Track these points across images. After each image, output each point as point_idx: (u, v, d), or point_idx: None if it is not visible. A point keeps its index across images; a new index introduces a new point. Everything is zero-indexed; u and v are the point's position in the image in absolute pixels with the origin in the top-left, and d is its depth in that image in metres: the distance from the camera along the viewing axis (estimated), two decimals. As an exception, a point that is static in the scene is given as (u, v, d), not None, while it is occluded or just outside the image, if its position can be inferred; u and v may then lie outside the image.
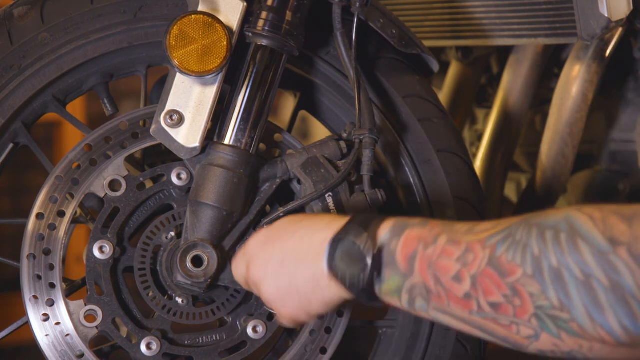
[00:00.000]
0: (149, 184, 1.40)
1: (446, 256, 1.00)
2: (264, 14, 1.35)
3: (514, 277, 0.94)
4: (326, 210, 1.35)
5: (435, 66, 1.54)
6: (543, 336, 0.95)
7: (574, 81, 1.74)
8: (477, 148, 1.99)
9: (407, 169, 1.50)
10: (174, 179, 1.37)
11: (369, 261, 1.05)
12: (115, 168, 1.37)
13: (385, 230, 1.06)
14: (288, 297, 1.15)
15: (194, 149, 1.34)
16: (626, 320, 0.88)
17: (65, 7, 1.39)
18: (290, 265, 1.14)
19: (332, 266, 1.09)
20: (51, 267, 1.34)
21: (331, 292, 1.11)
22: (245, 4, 1.36)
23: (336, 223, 1.11)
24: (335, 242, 1.09)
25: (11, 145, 1.41)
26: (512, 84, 1.91)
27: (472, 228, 1.00)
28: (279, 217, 1.35)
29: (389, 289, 1.05)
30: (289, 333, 1.54)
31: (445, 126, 1.52)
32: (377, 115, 1.45)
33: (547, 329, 0.94)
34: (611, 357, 0.93)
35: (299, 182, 1.39)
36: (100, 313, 1.35)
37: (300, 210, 1.38)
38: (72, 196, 1.36)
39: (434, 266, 1.01)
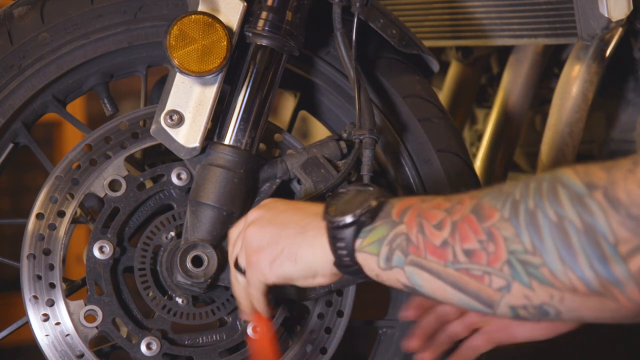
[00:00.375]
0: (149, 184, 1.40)
1: (437, 207, 1.00)
2: (264, 14, 1.35)
3: (491, 221, 0.94)
4: (326, 210, 1.35)
5: (435, 66, 1.54)
6: (514, 286, 0.93)
7: (574, 81, 1.74)
8: (477, 148, 1.99)
9: (407, 169, 1.50)
10: (174, 179, 1.37)
11: (366, 207, 1.04)
12: (115, 168, 1.37)
13: (391, 199, 1.07)
14: (267, 244, 1.12)
15: (193, 149, 1.34)
16: (597, 263, 0.87)
17: (65, 7, 1.39)
18: (285, 216, 1.13)
19: (327, 212, 1.08)
20: (51, 267, 1.34)
21: (313, 243, 1.08)
22: (245, 4, 1.36)
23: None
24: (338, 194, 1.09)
25: (11, 145, 1.41)
26: (512, 84, 1.91)
27: (471, 192, 1.01)
28: None
29: (372, 239, 1.04)
30: (289, 333, 1.54)
31: (445, 126, 1.52)
32: (377, 115, 1.45)
33: (518, 277, 0.92)
34: (582, 309, 0.91)
35: (299, 182, 1.40)
36: (100, 313, 1.35)
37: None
38: (72, 196, 1.36)
39: (422, 214, 1.00)
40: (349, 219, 1.05)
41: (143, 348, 1.35)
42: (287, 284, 1.14)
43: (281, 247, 1.12)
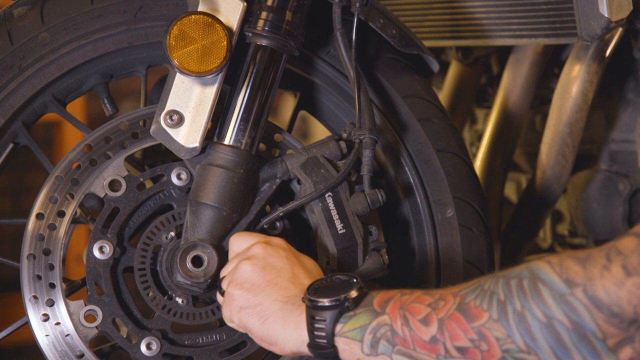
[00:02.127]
0: (148, 184, 1.40)
1: (419, 301, 1.03)
2: (263, 14, 1.35)
3: (480, 322, 0.97)
4: (326, 210, 1.35)
5: (435, 66, 1.54)
6: None
7: (574, 81, 1.74)
8: (477, 148, 1.99)
9: (407, 169, 1.50)
10: (174, 179, 1.37)
11: (348, 294, 1.09)
12: (115, 168, 1.37)
13: (372, 291, 1.11)
14: (249, 289, 1.18)
15: (193, 149, 1.34)
16: (590, 358, 0.91)
17: (65, 7, 1.38)
18: (280, 272, 1.19)
19: (308, 293, 1.12)
20: (51, 267, 1.34)
21: (287, 318, 1.13)
22: (245, 4, 1.36)
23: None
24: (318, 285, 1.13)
25: (11, 145, 1.41)
26: (512, 84, 1.91)
27: (449, 288, 1.05)
28: (278, 217, 1.35)
29: (353, 325, 1.07)
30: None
31: (445, 126, 1.52)
32: (377, 115, 1.45)
33: None
34: None
35: (298, 182, 1.39)
36: (100, 313, 1.35)
37: (300, 209, 1.38)
38: (72, 196, 1.36)
39: (405, 307, 1.04)
40: (330, 302, 1.08)
41: (143, 348, 1.35)
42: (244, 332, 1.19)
43: (258, 301, 1.17)
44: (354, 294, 1.09)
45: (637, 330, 0.88)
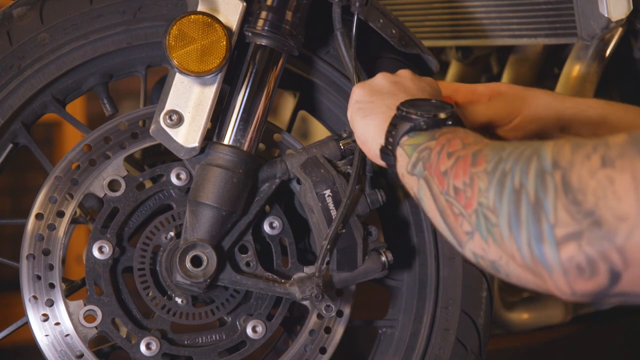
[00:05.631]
0: (148, 184, 1.40)
1: (463, 139, 1.04)
2: (263, 14, 1.35)
3: (477, 169, 0.97)
4: (326, 210, 1.35)
5: (435, 66, 1.54)
6: (476, 236, 0.96)
7: (574, 81, 1.74)
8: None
9: (406, 169, 1.50)
10: (173, 179, 1.37)
11: (432, 114, 1.12)
12: (115, 168, 1.37)
13: (459, 124, 1.14)
14: (364, 100, 1.25)
15: (193, 149, 1.34)
16: (534, 240, 0.89)
17: (64, 7, 1.38)
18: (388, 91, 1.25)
19: (402, 102, 1.17)
20: (50, 268, 1.34)
21: (379, 120, 1.19)
22: (244, 3, 1.36)
23: None
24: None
25: (11, 145, 1.41)
26: (512, 83, 1.91)
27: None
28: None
29: (413, 142, 1.11)
30: (289, 333, 1.54)
31: (444, 126, 1.52)
32: (376, 115, 1.45)
33: (480, 229, 0.95)
34: (522, 279, 0.93)
35: (298, 182, 1.39)
36: (99, 313, 1.35)
37: (300, 209, 1.38)
38: (72, 196, 1.36)
39: (450, 139, 1.05)
40: (408, 113, 1.13)
41: (142, 348, 1.35)
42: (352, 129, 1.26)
43: (371, 100, 1.24)
44: (433, 114, 1.13)
45: (589, 226, 0.84)
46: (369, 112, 1.22)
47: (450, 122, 1.12)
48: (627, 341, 2.54)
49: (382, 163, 1.20)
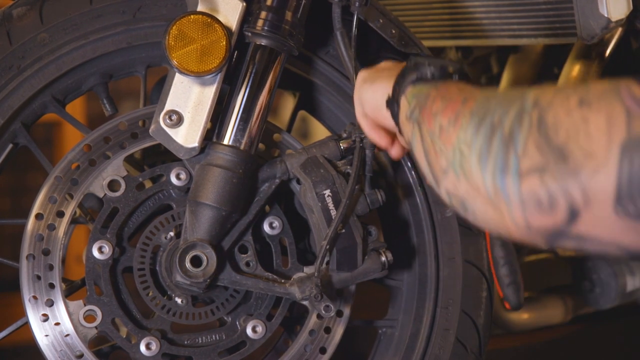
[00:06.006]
0: (148, 184, 1.40)
1: (460, 88, 1.04)
2: (263, 14, 1.35)
3: (464, 108, 0.98)
4: (326, 210, 1.35)
5: (434, 66, 1.54)
6: (450, 173, 0.97)
7: (574, 81, 1.74)
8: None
9: (406, 168, 1.50)
10: (173, 179, 1.37)
11: (440, 67, 1.14)
12: (115, 168, 1.37)
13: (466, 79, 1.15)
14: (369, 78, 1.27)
15: (193, 149, 1.34)
16: (498, 171, 0.89)
17: (64, 7, 1.38)
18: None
19: (415, 55, 1.21)
20: (50, 268, 1.34)
21: (386, 79, 1.20)
22: (244, 3, 1.36)
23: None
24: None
25: (10, 145, 1.41)
26: (512, 84, 1.91)
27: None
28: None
29: (416, 91, 1.12)
30: (289, 333, 1.54)
31: (444, 126, 1.52)
32: (376, 115, 1.45)
33: (454, 165, 0.96)
34: (486, 216, 0.93)
35: (298, 182, 1.39)
36: (99, 313, 1.35)
37: (300, 209, 1.38)
38: (72, 196, 1.36)
39: (448, 88, 1.06)
40: (421, 64, 1.14)
41: (142, 348, 1.35)
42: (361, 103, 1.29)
43: (378, 75, 1.25)
44: (440, 66, 1.14)
45: (555, 161, 0.84)
46: (376, 79, 1.25)
47: (456, 77, 1.13)
48: (627, 341, 2.54)
49: (391, 125, 1.21)
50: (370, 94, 1.25)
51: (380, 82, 1.23)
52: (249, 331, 1.39)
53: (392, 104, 1.18)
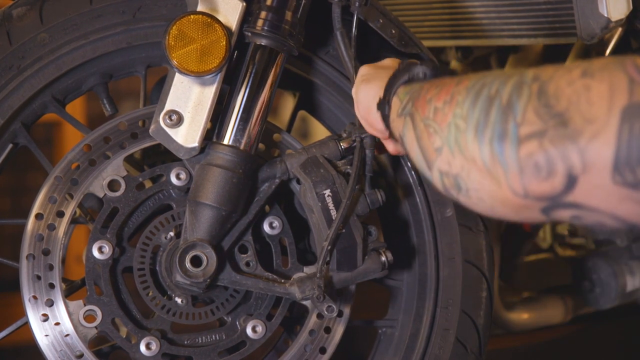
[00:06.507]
0: (148, 184, 1.40)
1: (454, 78, 1.04)
2: (263, 14, 1.35)
3: (459, 87, 0.97)
4: (326, 210, 1.35)
5: (434, 66, 1.54)
6: (444, 150, 0.96)
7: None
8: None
9: (406, 168, 1.50)
10: (173, 179, 1.37)
11: (433, 68, 1.17)
12: (115, 168, 1.37)
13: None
14: (369, 76, 1.28)
15: (193, 148, 1.34)
16: (496, 138, 0.88)
17: (64, 7, 1.38)
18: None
19: (407, 59, 1.21)
20: (50, 268, 1.34)
21: (380, 80, 1.21)
22: (244, 3, 1.36)
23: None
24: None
25: (10, 145, 1.41)
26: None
27: None
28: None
29: (407, 89, 1.13)
30: (289, 333, 1.54)
31: (444, 126, 1.52)
32: (376, 115, 1.45)
33: (449, 141, 0.96)
34: (481, 190, 0.93)
35: (298, 182, 1.39)
36: (99, 313, 1.35)
37: (300, 209, 1.38)
38: (72, 196, 1.36)
39: (442, 79, 1.06)
40: (412, 65, 1.17)
41: (142, 348, 1.35)
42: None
43: (377, 74, 1.26)
44: (432, 66, 1.16)
45: (554, 126, 0.84)
46: (372, 79, 1.25)
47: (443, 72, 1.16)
48: (627, 341, 2.54)
49: (380, 129, 1.21)
50: (364, 94, 1.25)
51: (374, 83, 1.23)
52: (249, 331, 1.39)
53: (383, 105, 1.18)
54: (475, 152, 0.91)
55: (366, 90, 1.25)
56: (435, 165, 0.99)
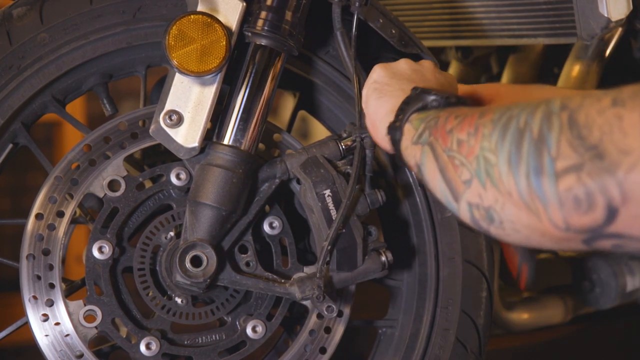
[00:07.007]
0: (148, 184, 1.40)
1: (470, 108, 1.04)
2: (263, 14, 1.35)
3: (483, 119, 0.97)
4: (326, 210, 1.35)
5: (434, 66, 1.54)
6: (474, 183, 0.96)
7: (574, 81, 1.74)
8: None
9: (406, 168, 1.50)
10: (173, 179, 1.37)
11: (447, 97, 1.14)
12: (115, 168, 1.37)
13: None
14: (381, 82, 1.27)
15: (193, 148, 1.34)
16: (532, 173, 0.89)
17: (64, 7, 1.38)
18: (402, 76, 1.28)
19: (418, 86, 1.19)
20: (50, 268, 1.34)
21: (392, 100, 1.20)
22: (244, 3, 1.36)
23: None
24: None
25: (10, 145, 1.41)
26: (512, 83, 1.91)
27: None
28: None
29: (422, 116, 1.12)
30: (289, 333, 1.54)
31: (444, 126, 1.52)
32: (376, 115, 1.45)
33: (478, 174, 0.96)
34: (517, 223, 0.93)
35: (298, 182, 1.39)
36: (99, 313, 1.35)
37: (300, 209, 1.38)
38: (72, 196, 1.36)
39: (459, 108, 1.07)
40: (425, 94, 1.14)
41: (142, 348, 1.35)
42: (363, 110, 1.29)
43: (388, 82, 1.26)
44: (445, 96, 1.14)
45: (591, 159, 0.84)
46: (384, 94, 1.24)
47: (456, 101, 1.14)
48: (627, 341, 2.54)
49: (386, 145, 1.20)
50: (373, 109, 1.24)
51: (385, 100, 1.23)
52: (249, 331, 1.39)
53: (394, 131, 1.17)
54: (511, 185, 0.91)
55: (376, 106, 1.24)
56: (463, 197, 0.99)
